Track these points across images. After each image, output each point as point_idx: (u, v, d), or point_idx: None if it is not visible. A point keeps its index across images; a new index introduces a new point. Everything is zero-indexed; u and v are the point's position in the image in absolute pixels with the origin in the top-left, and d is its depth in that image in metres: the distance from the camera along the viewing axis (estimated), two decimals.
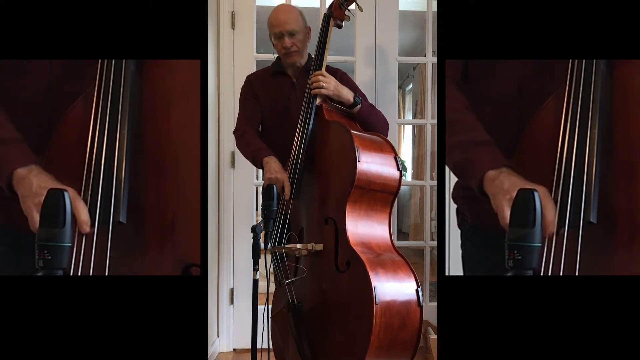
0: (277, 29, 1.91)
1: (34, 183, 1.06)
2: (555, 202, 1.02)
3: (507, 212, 1.00)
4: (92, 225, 1.06)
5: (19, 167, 1.08)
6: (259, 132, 2.03)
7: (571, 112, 1.06)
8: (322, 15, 1.93)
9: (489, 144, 1.13)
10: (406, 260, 1.62)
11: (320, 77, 1.77)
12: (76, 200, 1.05)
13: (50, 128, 1.13)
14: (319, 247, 1.65)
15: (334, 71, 1.98)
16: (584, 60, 1.07)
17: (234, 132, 2.05)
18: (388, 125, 1.94)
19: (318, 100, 1.77)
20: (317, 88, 1.76)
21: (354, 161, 1.59)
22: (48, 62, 1.20)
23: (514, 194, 1.00)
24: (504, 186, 1.04)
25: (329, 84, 1.77)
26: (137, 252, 1.11)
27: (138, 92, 1.14)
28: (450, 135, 1.18)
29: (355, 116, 1.82)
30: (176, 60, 1.15)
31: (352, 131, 1.66)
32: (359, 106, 1.81)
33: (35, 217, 1.02)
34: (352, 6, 1.89)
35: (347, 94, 1.80)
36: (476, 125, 1.17)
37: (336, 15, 1.90)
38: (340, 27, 1.92)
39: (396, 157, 1.72)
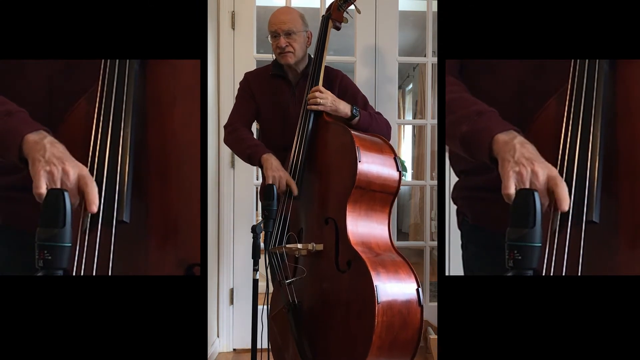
0: (273, 27, 1.90)
1: (48, 150, 1.00)
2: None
3: (512, 184, 0.96)
4: (99, 209, 1.03)
5: (28, 132, 1.03)
6: (258, 135, 2.02)
7: (573, 112, 1.05)
8: (321, 17, 1.94)
9: (494, 113, 1.10)
10: (406, 260, 1.62)
11: (317, 94, 1.76)
12: (88, 179, 1.01)
13: (51, 127, 1.13)
14: (320, 247, 1.65)
15: (334, 74, 1.97)
16: (586, 60, 1.07)
17: (225, 127, 2.00)
18: (390, 131, 1.93)
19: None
20: (315, 105, 1.75)
21: (354, 161, 1.59)
22: (46, 61, 1.19)
23: (522, 170, 0.96)
24: (514, 155, 0.98)
25: (326, 100, 1.76)
26: (141, 252, 1.10)
27: (141, 92, 1.14)
28: (452, 113, 1.15)
29: (354, 127, 1.79)
30: (179, 60, 1.14)
31: (352, 132, 1.66)
32: (357, 118, 1.80)
33: (40, 183, 0.97)
34: (352, 7, 1.90)
35: (345, 108, 1.78)
36: (477, 101, 1.14)
37: (335, 17, 1.90)
38: (338, 29, 1.92)
39: (396, 158, 1.72)
